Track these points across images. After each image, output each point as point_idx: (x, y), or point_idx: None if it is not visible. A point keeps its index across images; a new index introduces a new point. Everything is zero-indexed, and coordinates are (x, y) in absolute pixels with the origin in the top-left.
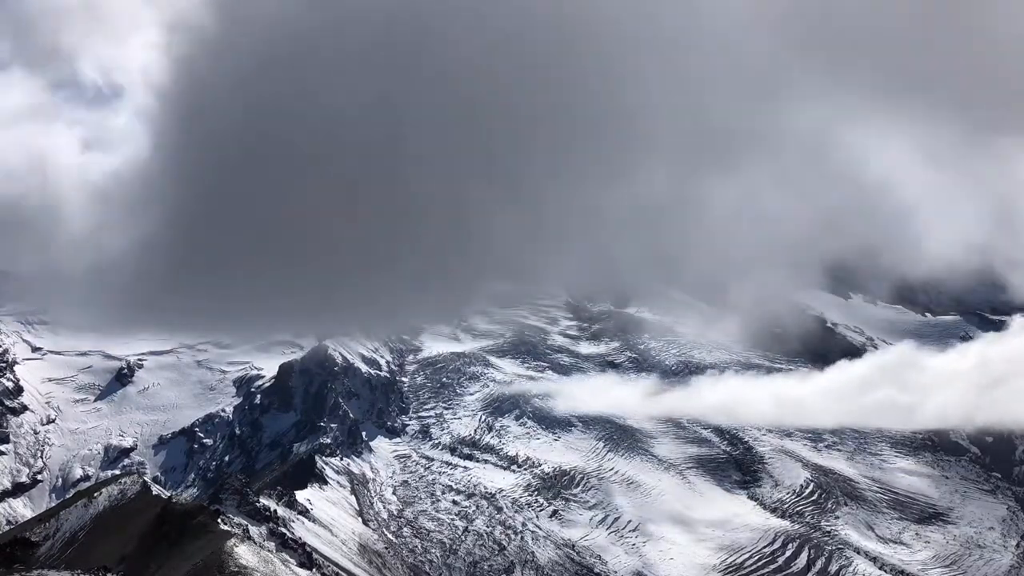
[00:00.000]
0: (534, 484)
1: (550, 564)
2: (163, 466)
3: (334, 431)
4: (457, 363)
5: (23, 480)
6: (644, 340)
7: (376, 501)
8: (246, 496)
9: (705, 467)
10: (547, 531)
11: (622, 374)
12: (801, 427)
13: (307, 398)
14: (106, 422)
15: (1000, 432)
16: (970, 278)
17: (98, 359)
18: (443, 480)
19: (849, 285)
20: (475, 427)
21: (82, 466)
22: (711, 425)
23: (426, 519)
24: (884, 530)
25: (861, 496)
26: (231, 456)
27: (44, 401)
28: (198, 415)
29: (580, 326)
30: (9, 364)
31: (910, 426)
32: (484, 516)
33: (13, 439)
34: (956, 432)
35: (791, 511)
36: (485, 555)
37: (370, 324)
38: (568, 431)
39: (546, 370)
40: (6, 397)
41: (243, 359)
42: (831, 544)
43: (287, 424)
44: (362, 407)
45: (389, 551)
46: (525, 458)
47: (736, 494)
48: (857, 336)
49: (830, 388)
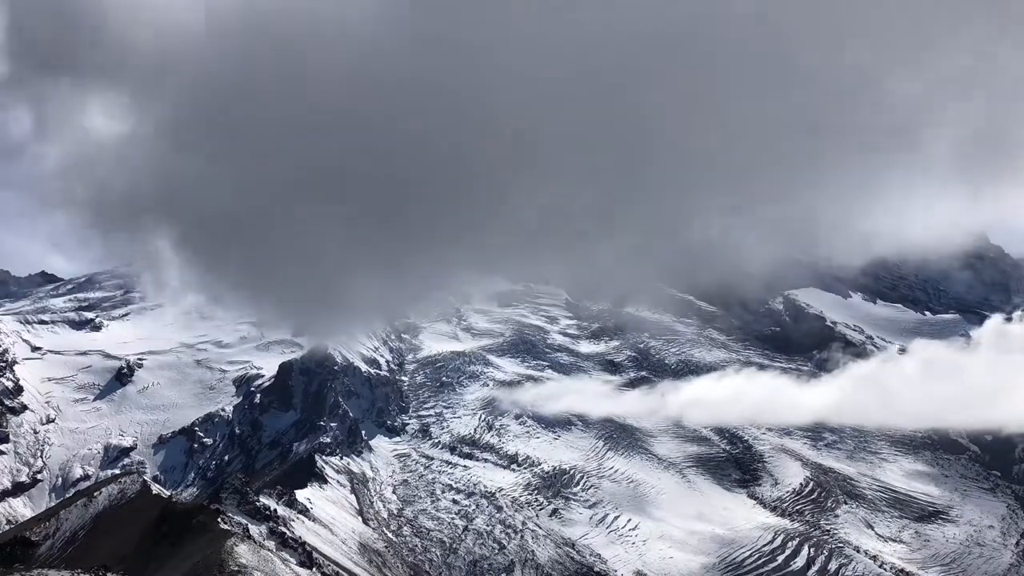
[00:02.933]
0: (534, 483)
1: (550, 563)
2: (163, 466)
3: (334, 430)
4: (457, 362)
5: (23, 480)
6: (644, 339)
7: (376, 500)
8: (246, 495)
9: (705, 466)
10: (547, 530)
11: (622, 373)
12: (801, 426)
13: (307, 397)
14: (106, 422)
15: (1000, 432)
16: None
17: (98, 359)
18: (443, 479)
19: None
20: (475, 426)
21: (82, 466)
22: (711, 424)
23: (426, 518)
24: (884, 528)
25: (861, 495)
26: (231, 455)
27: (44, 401)
28: (198, 414)
29: (580, 325)
30: (9, 364)
31: (910, 425)
32: (484, 515)
33: (13, 439)
34: (956, 431)
35: (791, 510)
36: (485, 554)
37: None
38: (568, 430)
39: (546, 369)
40: (6, 397)
41: (243, 359)
42: (831, 543)
43: (287, 423)
44: (362, 406)
45: (389, 550)
46: (525, 457)
47: (736, 493)
48: (857, 335)
49: (830, 387)
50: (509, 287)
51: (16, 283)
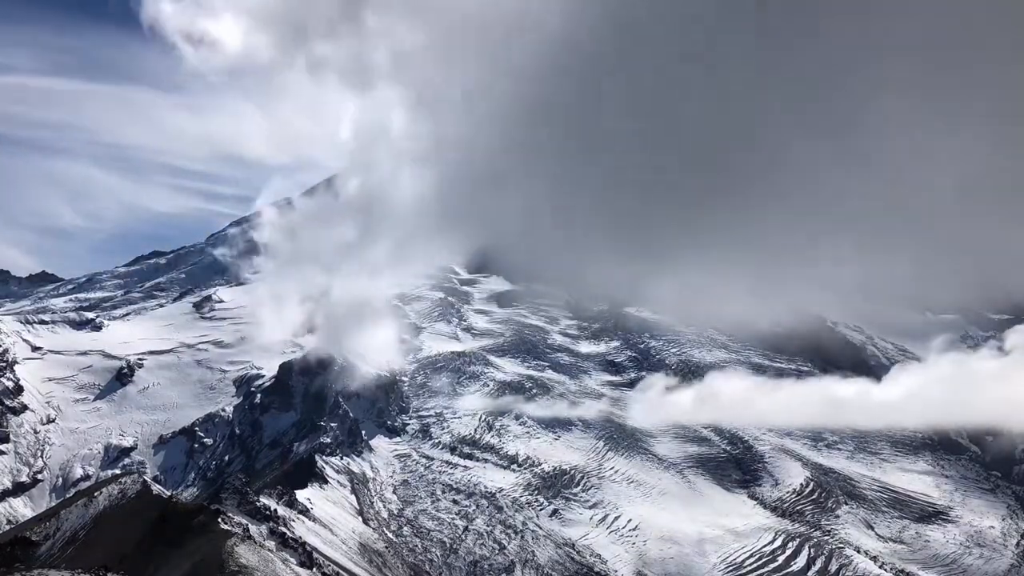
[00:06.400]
0: (534, 483)
1: (550, 563)
2: (163, 466)
3: (334, 430)
4: (457, 362)
5: (23, 480)
6: (644, 339)
7: (376, 500)
8: (246, 495)
9: (705, 466)
10: (547, 530)
11: (622, 373)
12: (801, 426)
13: (307, 397)
14: (106, 422)
15: (1000, 431)
16: None
17: (98, 359)
18: (443, 479)
19: None
20: (475, 426)
21: (82, 466)
22: (711, 424)
23: (426, 518)
24: (884, 529)
25: (861, 495)
26: (231, 456)
27: (44, 401)
28: (198, 414)
29: (580, 325)
30: (9, 364)
31: (909, 425)
32: (484, 515)
33: (13, 439)
34: (956, 431)
35: (791, 510)
36: (485, 554)
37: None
38: (568, 430)
39: (546, 369)
40: (6, 397)
41: (243, 358)
42: (831, 543)
43: (287, 423)
44: (362, 406)
45: (389, 550)
46: (525, 457)
47: (736, 493)
48: (856, 335)
49: (830, 387)
50: (509, 287)
51: (16, 283)
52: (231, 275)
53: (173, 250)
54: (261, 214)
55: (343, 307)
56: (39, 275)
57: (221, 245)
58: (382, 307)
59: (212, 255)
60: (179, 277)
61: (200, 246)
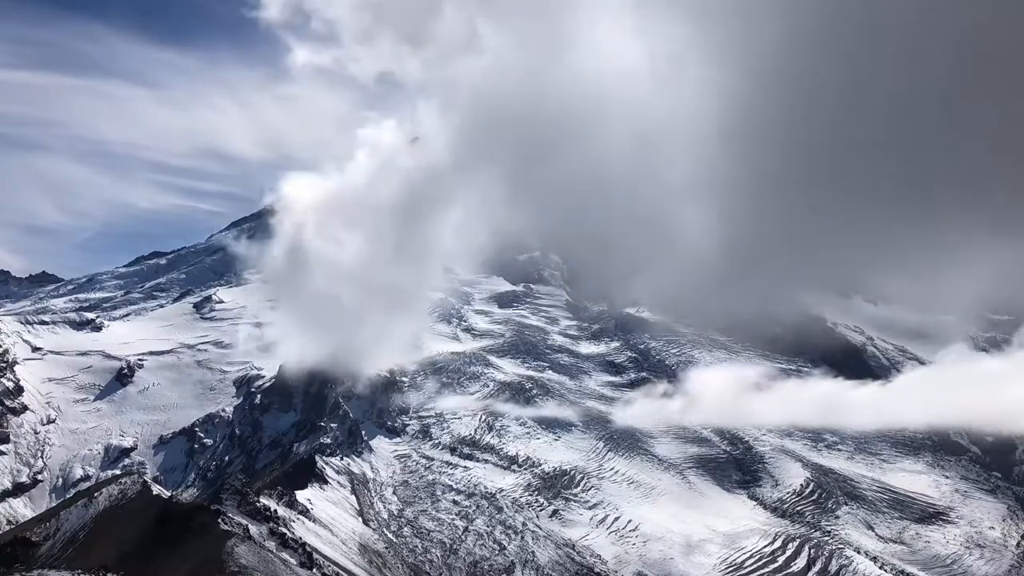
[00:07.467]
0: (534, 484)
1: (550, 564)
2: (163, 466)
3: (334, 431)
4: (457, 363)
5: (23, 480)
6: (644, 340)
7: (376, 501)
8: (246, 496)
9: (705, 467)
10: (547, 531)
11: (623, 374)
12: (801, 427)
13: (307, 398)
14: (106, 422)
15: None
16: None
17: (98, 359)
18: (443, 480)
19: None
20: (475, 427)
21: (82, 466)
22: (711, 425)
23: (426, 519)
24: (884, 530)
25: (861, 496)
26: (231, 456)
27: (44, 401)
28: (198, 415)
29: (580, 326)
30: (9, 364)
31: (909, 426)
32: (484, 516)
33: (13, 439)
34: (956, 432)
35: (791, 511)
36: (485, 555)
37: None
38: (568, 431)
39: (546, 370)
40: (6, 397)
41: (243, 359)
42: (831, 544)
43: (287, 424)
44: (362, 407)
45: (389, 551)
46: (525, 458)
47: (736, 494)
48: (857, 335)
49: (831, 387)
50: (509, 287)
51: (16, 283)
52: (231, 275)
53: (173, 250)
54: (264, 213)
55: (345, 307)
56: (39, 275)
57: (221, 245)
58: (399, 301)
59: (212, 256)
60: (179, 278)
61: (200, 246)
